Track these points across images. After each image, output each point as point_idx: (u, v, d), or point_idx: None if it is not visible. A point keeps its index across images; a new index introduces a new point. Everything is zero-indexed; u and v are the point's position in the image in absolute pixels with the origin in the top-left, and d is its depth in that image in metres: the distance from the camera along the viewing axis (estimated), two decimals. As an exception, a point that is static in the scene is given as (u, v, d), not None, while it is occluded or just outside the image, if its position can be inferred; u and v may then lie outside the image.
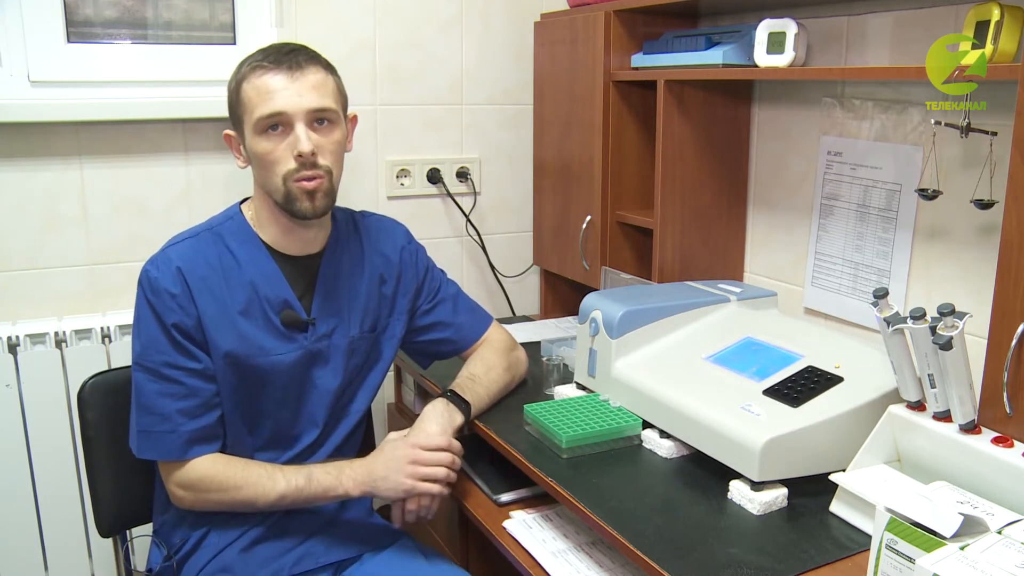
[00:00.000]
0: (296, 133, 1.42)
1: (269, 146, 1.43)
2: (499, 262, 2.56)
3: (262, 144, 1.43)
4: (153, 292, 1.44)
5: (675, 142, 1.91)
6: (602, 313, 1.68)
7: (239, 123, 1.48)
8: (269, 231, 1.54)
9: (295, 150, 1.42)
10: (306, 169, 1.44)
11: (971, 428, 1.25)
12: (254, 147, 1.44)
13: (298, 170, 1.43)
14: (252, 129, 1.43)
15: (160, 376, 1.44)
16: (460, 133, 2.45)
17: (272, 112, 1.41)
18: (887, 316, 1.29)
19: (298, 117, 1.42)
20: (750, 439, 1.33)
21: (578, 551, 1.46)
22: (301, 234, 1.54)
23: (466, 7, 2.37)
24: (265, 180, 1.47)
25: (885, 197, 1.68)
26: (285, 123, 1.43)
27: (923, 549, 1.01)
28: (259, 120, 1.42)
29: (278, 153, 1.43)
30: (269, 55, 1.45)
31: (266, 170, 1.45)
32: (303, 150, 1.42)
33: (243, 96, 1.44)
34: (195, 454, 1.45)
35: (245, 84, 1.44)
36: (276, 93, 1.42)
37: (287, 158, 1.43)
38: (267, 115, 1.41)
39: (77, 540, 2.03)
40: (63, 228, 2.03)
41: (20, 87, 1.97)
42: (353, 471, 1.47)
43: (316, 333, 1.55)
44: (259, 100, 1.42)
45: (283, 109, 1.41)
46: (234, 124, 1.50)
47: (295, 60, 1.44)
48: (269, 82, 1.42)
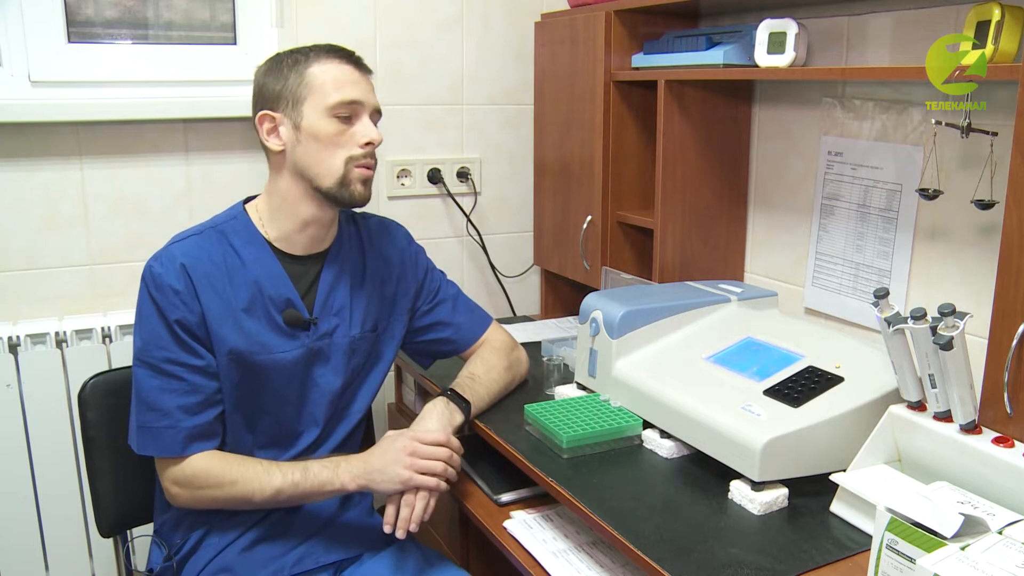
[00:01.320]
0: (365, 123, 1.51)
1: (338, 128, 1.48)
2: (499, 262, 2.56)
3: (331, 125, 1.47)
4: (157, 288, 1.44)
5: (676, 142, 1.91)
6: (603, 313, 1.68)
7: (295, 104, 1.48)
8: (280, 227, 1.54)
9: (364, 138, 1.49)
10: (370, 158, 1.52)
11: (972, 428, 1.25)
12: (320, 127, 1.47)
13: (363, 156, 1.50)
14: (321, 110, 1.47)
15: (161, 372, 1.44)
16: (461, 133, 2.45)
17: (352, 99, 1.48)
18: (888, 316, 1.29)
19: (368, 110, 1.52)
20: (751, 439, 1.33)
21: (579, 551, 1.46)
22: (316, 231, 1.55)
23: (466, 7, 2.37)
24: (319, 162, 1.48)
25: (886, 197, 1.68)
26: (355, 113, 1.50)
27: (924, 549, 1.01)
28: (336, 104, 1.47)
29: (344, 137, 1.49)
30: (335, 50, 1.52)
31: (326, 152, 1.48)
32: (375, 139, 1.51)
33: (310, 79, 1.48)
34: (193, 451, 1.45)
35: (314, 68, 1.48)
36: (353, 84, 1.50)
37: (352, 144, 1.49)
38: (347, 101, 1.48)
39: (78, 540, 2.03)
40: (64, 228, 2.03)
41: (21, 87, 1.97)
42: (350, 465, 1.47)
43: (318, 332, 1.56)
44: (335, 85, 1.47)
45: (360, 99, 1.50)
46: (277, 106, 1.50)
47: (362, 62, 1.54)
48: (345, 71, 1.50)
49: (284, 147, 1.50)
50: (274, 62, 1.52)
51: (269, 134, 1.51)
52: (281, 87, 1.49)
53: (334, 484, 1.46)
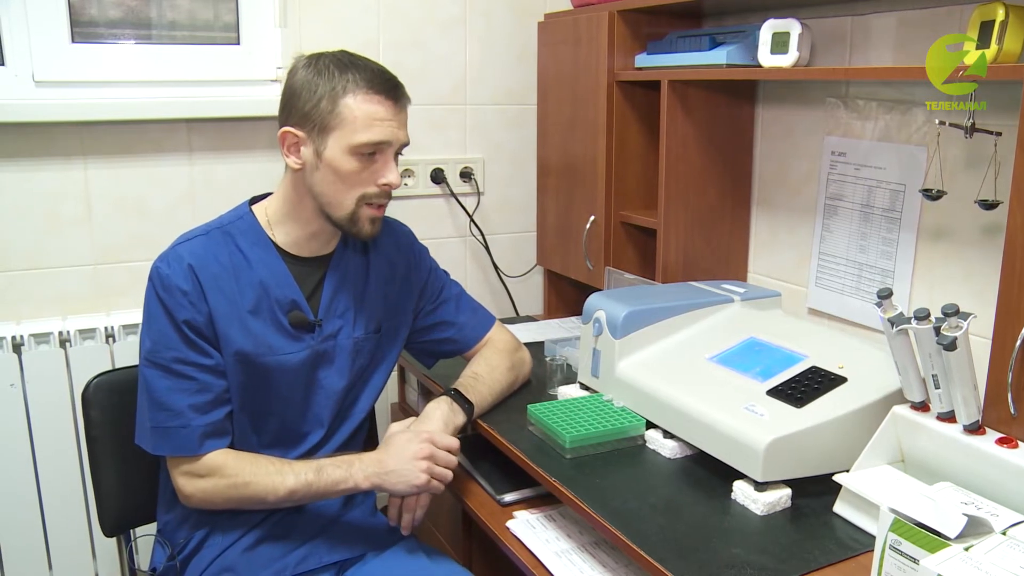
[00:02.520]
0: (388, 163, 1.47)
1: (358, 167, 1.45)
2: (503, 262, 2.56)
3: (351, 163, 1.44)
4: (164, 288, 1.44)
5: (679, 142, 1.91)
6: (606, 313, 1.68)
7: (321, 130, 1.44)
8: (288, 232, 1.54)
9: (383, 179, 1.47)
10: (384, 198, 1.50)
11: (975, 429, 1.24)
12: (340, 163, 1.44)
13: (378, 196, 1.49)
14: (344, 146, 1.43)
15: (171, 372, 1.44)
16: (464, 133, 2.45)
17: (379, 141, 1.44)
18: (891, 316, 1.29)
19: (394, 148, 1.48)
20: (754, 439, 1.32)
21: (581, 551, 1.46)
22: (323, 239, 1.56)
23: (469, 7, 2.37)
24: (332, 193, 1.47)
25: (889, 197, 1.68)
26: (381, 151, 1.47)
27: (927, 550, 1.00)
28: (362, 144, 1.43)
29: (363, 176, 1.46)
30: (377, 78, 1.45)
31: (341, 186, 1.46)
32: (394, 183, 1.48)
33: (343, 109, 1.42)
34: (208, 448, 1.45)
35: (349, 99, 1.42)
36: (384, 123, 1.45)
37: (369, 182, 1.47)
38: (374, 142, 1.44)
39: (81, 539, 2.04)
40: (67, 228, 2.04)
41: (25, 87, 1.97)
42: (363, 464, 1.46)
43: (322, 334, 1.56)
44: (366, 123, 1.43)
45: (388, 140, 1.46)
46: (303, 125, 1.45)
47: (401, 92, 1.49)
48: (380, 109, 1.44)
49: (302, 167, 1.48)
50: (313, 71, 1.45)
51: (290, 150, 1.48)
52: (312, 107, 1.44)
53: (348, 483, 1.46)
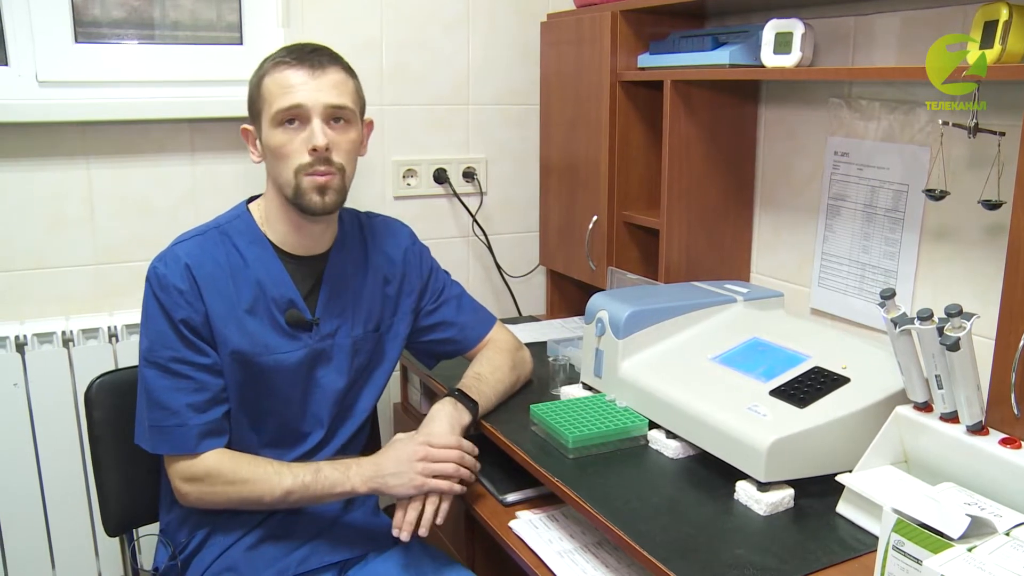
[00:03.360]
0: (312, 128, 1.44)
1: (284, 138, 1.45)
2: (505, 262, 2.56)
3: (278, 136, 1.45)
4: (161, 288, 1.45)
5: (682, 142, 1.91)
6: (608, 313, 1.68)
7: (257, 117, 1.49)
8: (278, 230, 1.54)
9: (310, 144, 1.44)
10: (319, 164, 1.45)
11: (978, 429, 1.24)
12: (269, 139, 1.46)
13: (311, 164, 1.45)
14: (269, 121, 1.45)
15: (169, 371, 1.45)
16: (466, 133, 2.45)
17: (290, 105, 1.43)
18: (894, 317, 1.29)
19: (315, 112, 1.44)
20: (756, 440, 1.32)
21: (584, 551, 1.46)
22: (309, 232, 1.55)
23: (472, 7, 2.37)
24: (277, 174, 1.48)
25: (892, 198, 1.68)
26: (302, 117, 1.44)
27: (930, 550, 1.00)
28: (277, 112, 1.44)
29: (293, 146, 1.45)
30: (292, 52, 1.47)
31: (279, 163, 1.46)
32: (318, 144, 1.43)
33: (263, 90, 1.46)
34: (205, 448, 1.45)
35: (267, 78, 1.46)
36: (296, 88, 1.44)
37: (301, 152, 1.45)
38: (285, 108, 1.43)
39: (84, 539, 2.04)
40: (70, 228, 2.04)
41: (28, 87, 1.97)
42: (361, 468, 1.47)
43: (320, 333, 1.56)
44: (279, 93, 1.44)
45: (301, 102, 1.43)
46: (252, 119, 1.52)
47: (317, 59, 1.47)
48: (290, 77, 1.44)
49: (261, 158, 1.52)
50: (253, 73, 1.52)
51: (252, 146, 1.54)
52: (251, 100, 1.51)
53: (345, 486, 1.46)
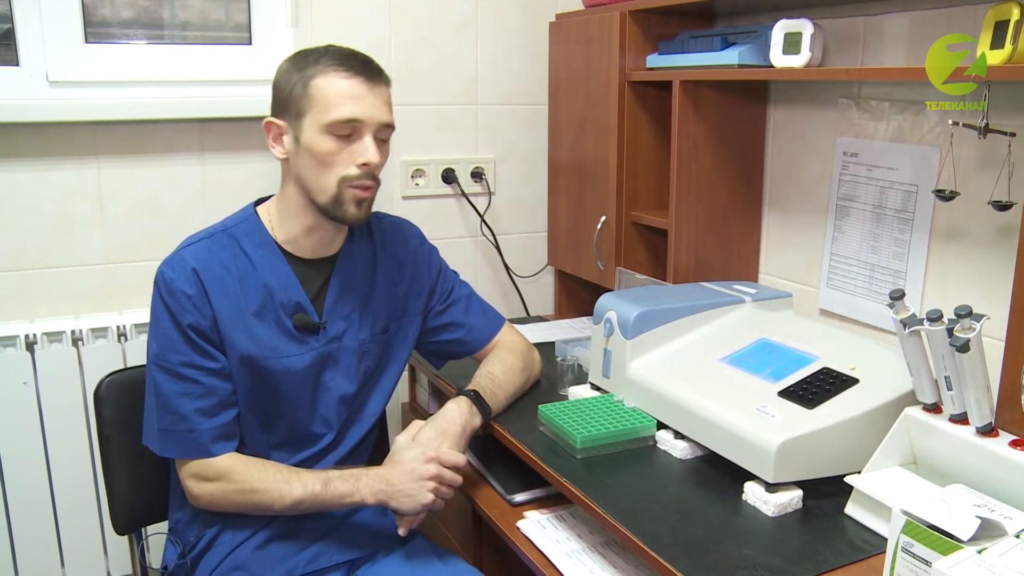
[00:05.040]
0: (365, 143, 1.44)
1: (334, 147, 1.43)
2: (513, 262, 2.56)
3: (327, 143, 1.43)
4: (169, 293, 1.45)
5: (690, 142, 1.91)
6: (617, 314, 1.68)
7: (296, 115, 1.45)
8: (288, 231, 1.54)
9: (361, 158, 1.44)
10: (366, 179, 1.46)
11: (988, 431, 1.24)
12: (316, 145, 1.43)
13: (359, 178, 1.45)
14: (319, 127, 1.43)
15: (178, 376, 1.45)
16: (475, 133, 2.45)
17: (350, 118, 1.42)
18: (903, 318, 1.29)
19: (370, 128, 1.44)
20: (765, 440, 1.32)
21: (592, 551, 1.46)
22: (322, 235, 1.55)
23: (481, 7, 2.38)
24: (314, 177, 1.46)
25: (901, 198, 1.67)
26: (357, 131, 1.44)
27: (940, 552, 1.00)
28: (334, 122, 1.42)
29: (341, 156, 1.44)
30: (346, 60, 1.45)
31: (321, 169, 1.45)
32: (372, 161, 1.44)
33: (313, 91, 1.43)
34: (216, 452, 1.46)
35: (319, 80, 1.43)
36: (356, 100, 1.43)
37: (348, 163, 1.44)
38: (344, 119, 1.42)
39: (93, 537, 2.05)
40: (80, 227, 2.05)
41: (39, 87, 1.98)
42: (371, 480, 1.46)
43: (327, 336, 1.56)
44: (336, 101, 1.42)
45: (360, 117, 1.43)
46: (283, 114, 1.48)
47: (373, 72, 1.46)
48: (349, 87, 1.43)
49: (287, 156, 1.49)
50: (291, 62, 1.48)
51: (275, 141, 1.50)
52: (287, 95, 1.46)
53: (354, 497, 1.46)
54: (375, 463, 1.54)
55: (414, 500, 1.45)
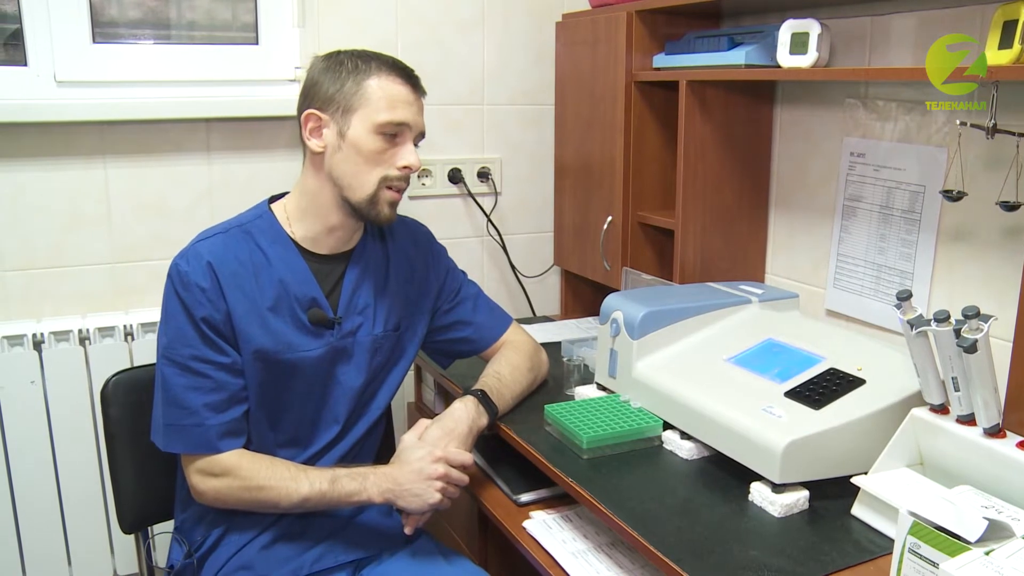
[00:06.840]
0: (408, 147, 1.51)
1: (383, 146, 1.48)
2: (520, 262, 2.56)
3: (376, 142, 1.47)
4: (183, 286, 1.45)
5: (697, 143, 1.91)
6: (623, 314, 1.67)
7: (344, 111, 1.47)
8: (305, 227, 1.54)
9: (403, 161, 1.50)
10: (404, 182, 1.53)
11: (995, 432, 1.24)
12: (363, 142, 1.47)
13: (398, 179, 1.51)
14: (369, 125, 1.46)
15: (188, 370, 1.45)
16: (481, 133, 2.45)
17: (401, 120, 1.48)
18: (910, 318, 1.28)
19: (413, 133, 1.52)
20: (771, 441, 1.32)
21: (598, 552, 1.46)
22: (343, 231, 1.56)
23: (487, 7, 2.38)
24: (354, 174, 1.49)
25: (908, 199, 1.67)
26: (401, 134, 1.50)
27: (947, 554, 1.00)
28: (386, 122, 1.47)
29: (385, 156, 1.49)
30: (396, 67, 1.51)
31: (365, 167, 1.48)
32: (414, 165, 1.51)
33: (367, 90, 1.47)
34: (224, 448, 1.46)
35: (373, 81, 1.47)
36: (407, 105, 1.50)
37: (391, 164, 1.50)
38: (396, 121, 1.47)
39: (100, 536, 2.05)
40: (87, 227, 2.05)
41: (46, 87, 1.99)
42: (378, 479, 1.47)
43: (342, 331, 1.56)
44: (390, 103, 1.47)
45: (409, 122, 1.50)
46: (327, 108, 1.49)
47: (419, 81, 1.55)
48: (403, 92, 1.50)
49: (324, 150, 1.50)
50: (334, 62, 1.50)
51: (312, 133, 1.51)
52: (336, 90, 1.48)
53: (361, 496, 1.46)
54: (381, 460, 1.54)
55: (421, 499, 1.46)
